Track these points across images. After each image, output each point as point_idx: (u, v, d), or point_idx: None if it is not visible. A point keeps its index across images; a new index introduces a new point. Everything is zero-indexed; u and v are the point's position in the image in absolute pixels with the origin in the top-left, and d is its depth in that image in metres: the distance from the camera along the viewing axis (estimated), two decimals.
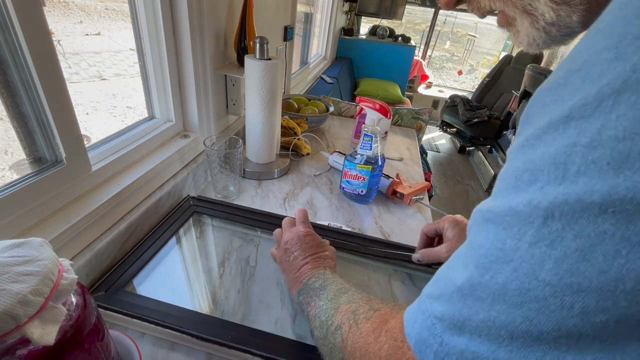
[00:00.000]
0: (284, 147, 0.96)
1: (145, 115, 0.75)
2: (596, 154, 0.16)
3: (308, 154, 0.99)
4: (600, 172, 0.16)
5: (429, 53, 4.63)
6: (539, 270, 0.18)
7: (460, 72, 5.50)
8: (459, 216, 0.59)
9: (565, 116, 0.18)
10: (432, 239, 0.63)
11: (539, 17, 0.25)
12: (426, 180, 0.97)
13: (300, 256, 0.49)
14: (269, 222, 0.67)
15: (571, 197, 0.17)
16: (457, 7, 0.32)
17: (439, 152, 3.69)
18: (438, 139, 4.01)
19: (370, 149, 0.73)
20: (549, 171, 0.18)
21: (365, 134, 0.73)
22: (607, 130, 0.16)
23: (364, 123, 0.76)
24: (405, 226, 0.75)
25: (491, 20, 0.31)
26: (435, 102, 4.35)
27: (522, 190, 0.19)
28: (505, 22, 0.28)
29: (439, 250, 0.56)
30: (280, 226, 0.56)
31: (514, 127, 2.29)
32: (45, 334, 0.23)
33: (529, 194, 0.19)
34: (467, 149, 3.66)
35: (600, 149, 0.16)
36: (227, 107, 0.93)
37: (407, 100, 3.33)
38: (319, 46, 2.77)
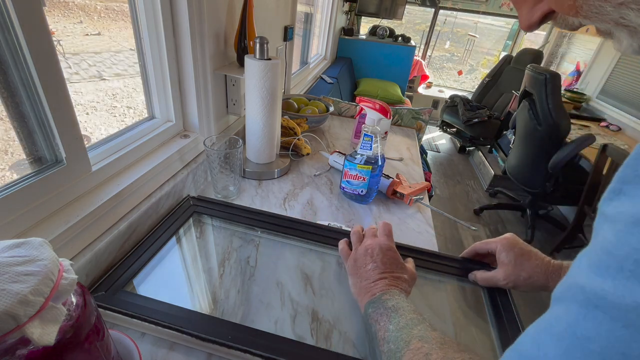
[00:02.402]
0: (284, 147, 0.96)
1: (145, 115, 0.75)
2: None
3: (308, 154, 0.99)
4: None
5: (429, 53, 4.62)
6: None
7: (460, 72, 5.50)
8: (511, 236, 0.56)
9: None
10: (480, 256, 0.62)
11: (637, 28, 0.23)
12: (426, 180, 0.97)
13: (378, 268, 0.48)
14: (269, 222, 0.67)
15: None
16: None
17: (439, 152, 3.69)
18: (438, 139, 4.01)
19: (370, 149, 0.73)
20: None
21: (365, 134, 0.73)
22: None
23: (364, 123, 0.76)
24: (405, 226, 0.75)
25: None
26: (435, 102, 4.34)
27: None
28: (602, 34, 0.26)
29: (494, 275, 0.54)
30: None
31: (514, 127, 2.28)
32: (45, 334, 0.23)
33: None
34: (467, 149, 3.66)
35: None
36: (227, 107, 0.93)
37: (407, 100, 3.33)
38: (319, 46, 2.77)
